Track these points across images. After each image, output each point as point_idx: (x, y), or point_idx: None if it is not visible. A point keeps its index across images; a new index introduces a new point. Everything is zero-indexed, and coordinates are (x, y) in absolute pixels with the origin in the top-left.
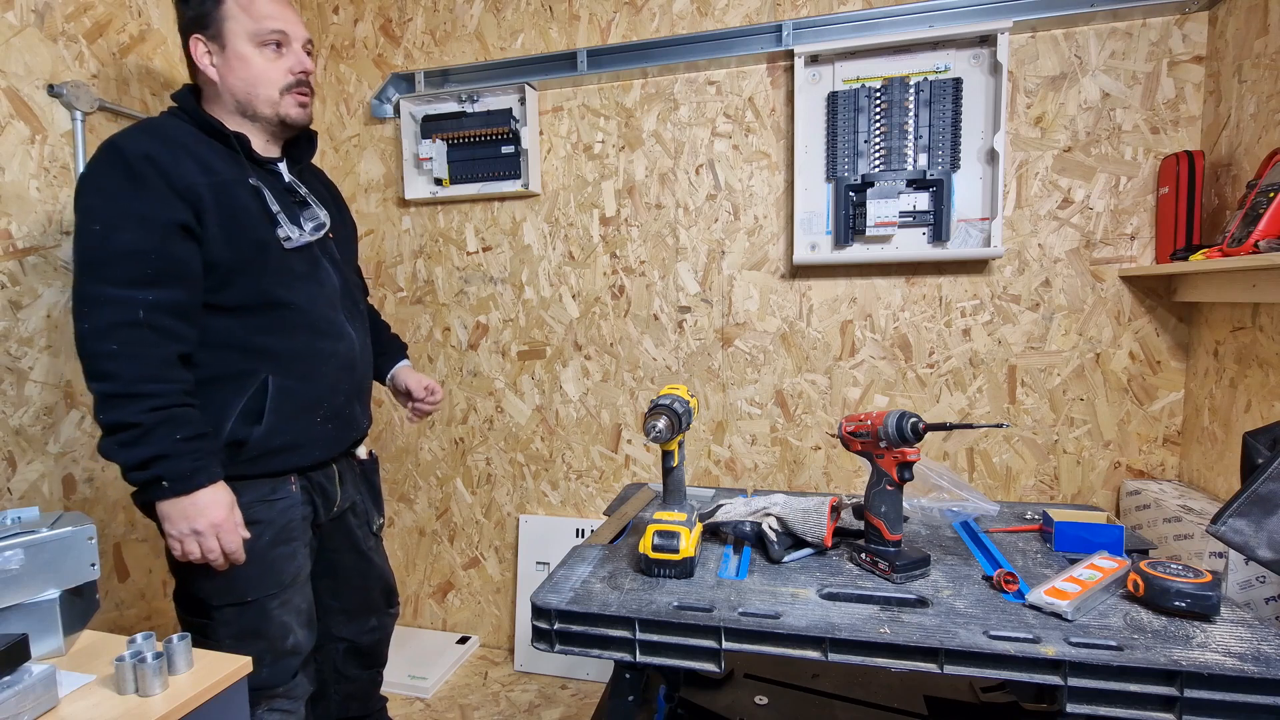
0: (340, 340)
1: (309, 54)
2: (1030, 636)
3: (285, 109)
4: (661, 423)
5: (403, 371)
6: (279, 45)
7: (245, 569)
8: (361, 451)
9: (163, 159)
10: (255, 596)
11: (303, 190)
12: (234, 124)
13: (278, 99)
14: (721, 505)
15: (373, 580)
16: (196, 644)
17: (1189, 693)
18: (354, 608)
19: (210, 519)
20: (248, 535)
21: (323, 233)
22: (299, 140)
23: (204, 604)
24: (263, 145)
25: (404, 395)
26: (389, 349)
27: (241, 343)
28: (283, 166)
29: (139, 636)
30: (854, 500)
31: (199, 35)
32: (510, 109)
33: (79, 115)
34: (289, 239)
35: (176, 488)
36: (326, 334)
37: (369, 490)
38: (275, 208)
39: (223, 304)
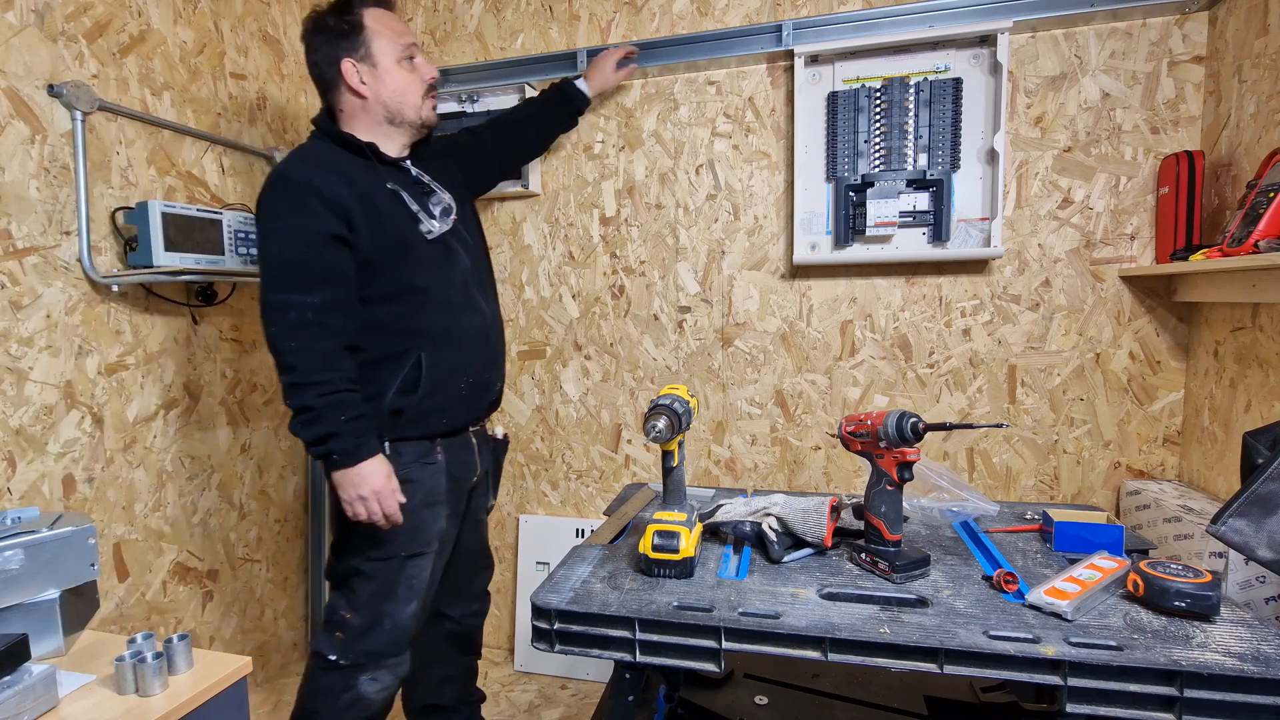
0: (474, 314)
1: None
2: (1030, 636)
3: (425, 112)
4: (661, 423)
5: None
6: (411, 58)
7: (399, 526)
8: (499, 431)
9: (316, 181)
10: (403, 553)
11: (427, 179)
12: (373, 134)
13: (420, 104)
14: (721, 505)
15: (479, 558)
16: (335, 604)
17: (1189, 693)
18: (460, 584)
19: (372, 486)
20: (403, 500)
21: (451, 217)
22: (422, 138)
23: (357, 554)
24: (396, 149)
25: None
26: (549, 104)
27: (395, 326)
28: (409, 164)
29: (139, 636)
30: (854, 500)
31: (350, 58)
32: None
33: (79, 115)
34: (430, 232)
35: (345, 460)
36: (461, 310)
37: (495, 469)
38: (415, 207)
39: (375, 296)
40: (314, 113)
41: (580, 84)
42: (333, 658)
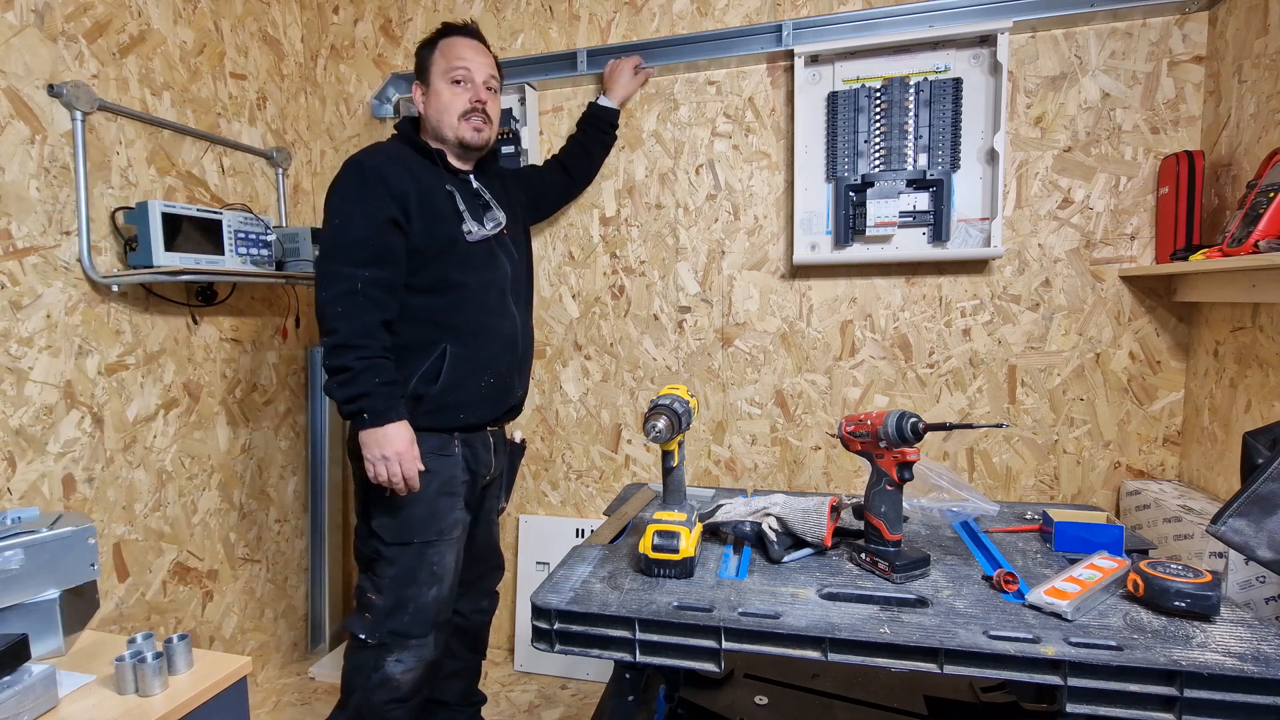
0: (505, 319)
1: (490, 89)
2: (1030, 636)
3: (462, 132)
4: (661, 423)
5: (610, 82)
6: (462, 81)
7: (416, 512)
8: (517, 435)
9: (385, 170)
10: (420, 539)
11: (487, 195)
12: (435, 145)
13: (457, 124)
14: (721, 505)
15: (491, 557)
16: (362, 586)
17: (1189, 693)
18: (472, 579)
19: (395, 448)
20: (423, 468)
21: (499, 229)
22: (486, 156)
23: (379, 539)
24: (458, 162)
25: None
26: (584, 126)
27: (431, 318)
28: (472, 177)
29: (139, 636)
30: (854, 500)
31: (417, 80)
32: (510, 109)
33: (79, 115)
34: (470, 233)
35: (373, 420)
36: (494, 313)
37: (509, 471)
38: (462, 208)
39: (418, 285)
40: (314, 113)
41: (603, 100)
42: (362, 636)
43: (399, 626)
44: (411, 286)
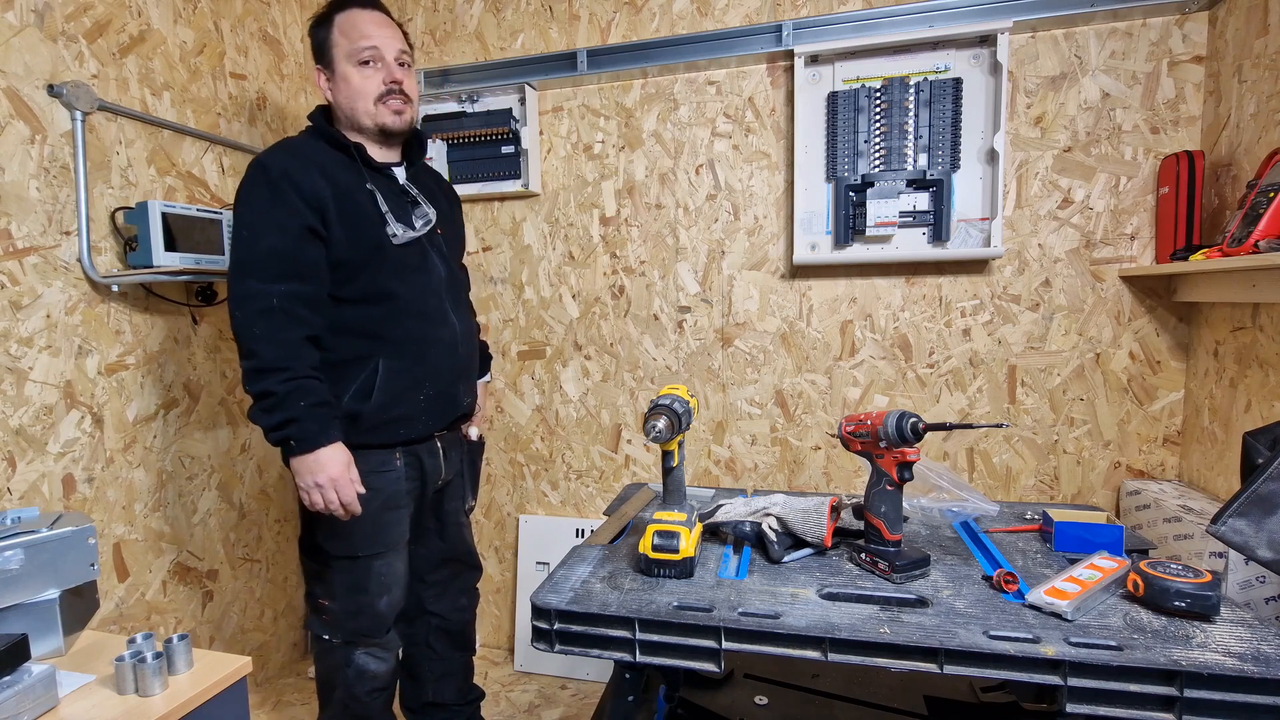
0: (444, 326)
1: (403, 64)
2: (1030, 636)
3: (381, 117)
4: (661, 423)
5: (480, 388)
6: (371, 61)
7: (359, 528)
8: (473, 433)
9: (294, 172)
10: (364, 553)
11: (414, 190)
12: (353, 137)
13: (374, 109)
14: (721, 505)
15: (462, 556)
16: (313, 591)
17: (1189, 693)
18: (445, 580)
19: (329, 473)
20: (363, 490)
21: (429, 228)
22: (410, 144)
23: (324, 554)
24: (380, 153)
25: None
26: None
27: (362, 330)
28: (399, 171)
29: (139, 636)
30: (854, 500)
31: (318, 65)
32: (510, 109)
33: (79, 115)
34: (395, 235)
35: (303, 446)
36: (432, 321)
37: (470, 471)
38: (384, 208)
39: (347, 297)
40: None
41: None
42: (326, 637)
43: (359, 627)
44: (339, 298)
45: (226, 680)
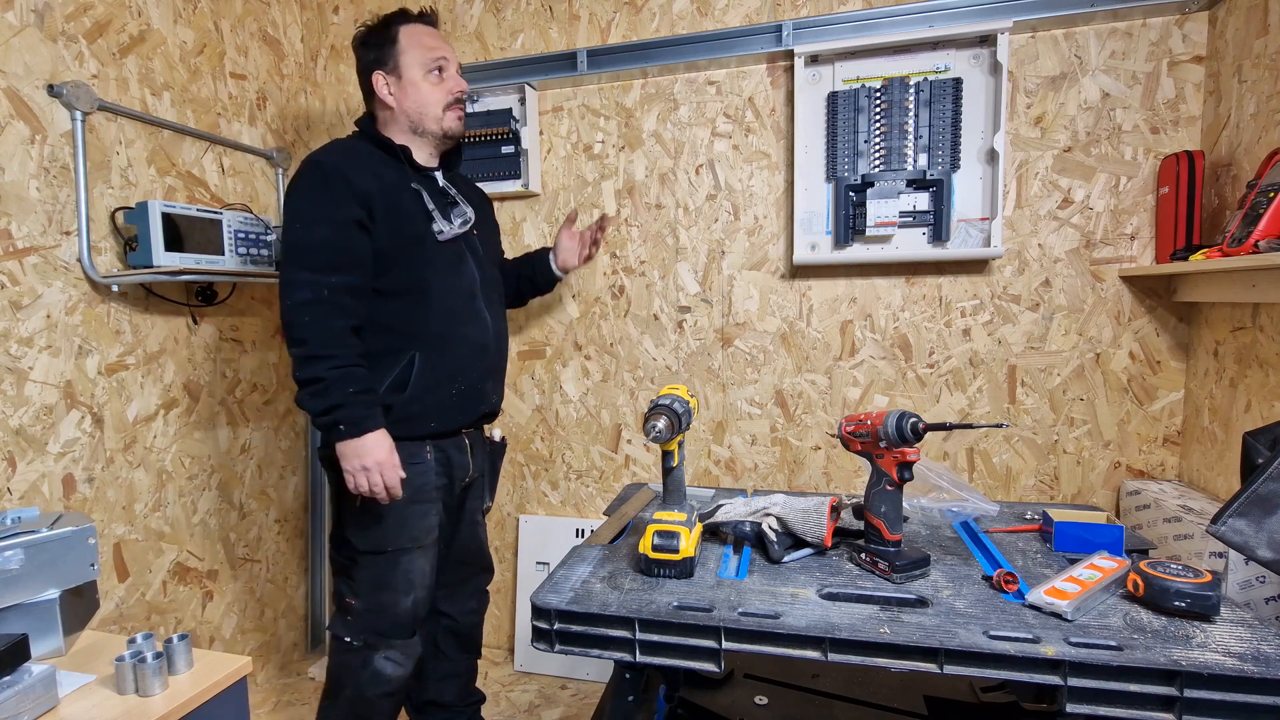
0: (476, 324)
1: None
2: (1030, 636)
3: (447, 123)
4: (661, 423)
5: (556, 245)
6: (440, 71)
7: (386, 521)
8: (496, 434)
9: (347, 168)
10: (392, 548)
11: (453, 192)
12: (403, 140)
13: (441, 115)
14: (721, 505)
15: (475, 556)
16: (340, 590)
17: (1189, 693)
18: (457, 581)
19: (375, 457)
20: (404, 475)
21: (468, 227)
22: (450, 152)
23: (351, 548)
24: (425, 157)
25: (571, 252)
26: (530, 259)
27: (396, 326)
28: (439, 174)
29: (139, 636)
30: (854, 500)
31: (380, 71)
32: (510, 109)
33: (79, 115)
34: (441, 232)
35: (350, 431)
36: (464, 318)
37: (490, 471)
38: (431, 206)
39: (384, 289)
40: (314, 113)
41: (553, 263)
42: (347, 639)
43: (381, 628)
44: (377, 290)
45: (226, 680)
